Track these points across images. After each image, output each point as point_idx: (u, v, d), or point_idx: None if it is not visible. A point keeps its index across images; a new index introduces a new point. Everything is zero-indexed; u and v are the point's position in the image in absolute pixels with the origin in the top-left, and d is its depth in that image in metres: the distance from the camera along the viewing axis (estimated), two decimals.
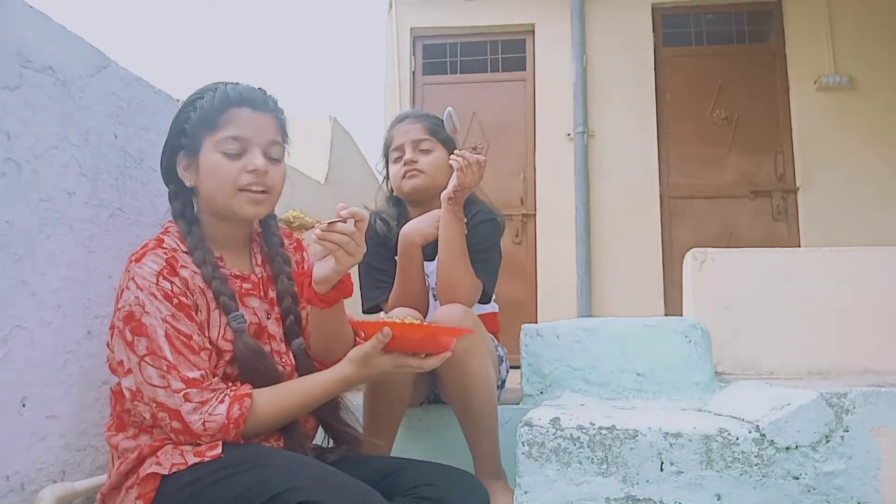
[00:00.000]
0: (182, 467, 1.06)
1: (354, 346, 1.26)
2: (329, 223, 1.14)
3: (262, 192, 1.21)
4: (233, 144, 1.19)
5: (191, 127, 1.21)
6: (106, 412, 1.28)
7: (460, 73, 5.26)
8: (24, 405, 1.13)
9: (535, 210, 4.92)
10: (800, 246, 4.51)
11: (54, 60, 1.22)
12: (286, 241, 1.36)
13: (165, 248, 1.16)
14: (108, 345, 1.19)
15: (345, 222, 1.14)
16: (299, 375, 1.24)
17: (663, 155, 4.89)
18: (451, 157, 1.63)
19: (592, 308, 4.65)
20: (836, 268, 2.03)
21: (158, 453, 1.10)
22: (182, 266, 1.16)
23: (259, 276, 1.29)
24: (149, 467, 1.08)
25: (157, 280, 1.12)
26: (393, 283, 1.72)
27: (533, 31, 5.15)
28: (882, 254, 2.03)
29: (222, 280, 1.17)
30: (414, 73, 5.20)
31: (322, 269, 1.17)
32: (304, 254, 1.40)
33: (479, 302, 1.72)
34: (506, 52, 5.24)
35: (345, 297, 1.23)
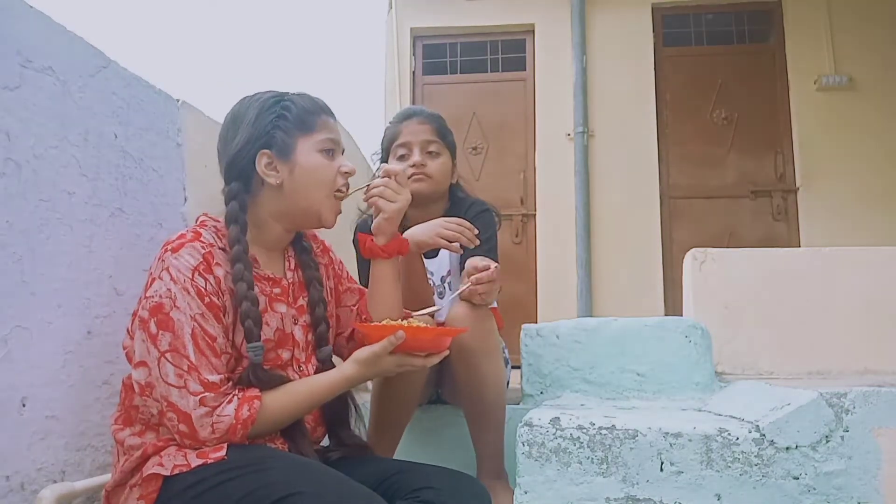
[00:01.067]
0: (185, 469, 1.05)
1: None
2: (367, 185, 1.33)
3: (343, 197, 1.29)
4: (329, 145, 1.26)
5: (285, 126, 1.22)
6: (106, 412, 1.28)
7: (460, 73, 5.26)
8: (24, 405, 1.13)
9: (535, 210, 4.92)
10: (800, 246, 4.51)
11: (54, 60, 1.21)
12: (314, 246, 1.38)
13: (203, 243, 1.15)
14: (127, 330, 1.18)
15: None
16: None
17: (663, 155, 4.88)
18: (470, 288, 1.44)
19: (592, 308, 4.65)
20: (836, 268, 2.02)
21: (162, 453, 1.09)
22: (217, 264, 1.14)
23: (290, 280, 1.28)
24: (151, 467, 1.07)
25: (193, 276, 1.10)
26: None
27: (533, 31, 5.15)
28: (882, 254, 2.03)
29: (252, 302, 1.15)
30: (414, 73, 5.20)
31: (376, 221, 1.33)
32: (331, 254, 1.42)
33: None
34: (506, 52, 5.24)
35: (401, 252, 1.38)
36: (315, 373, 1.26)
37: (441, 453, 1.78)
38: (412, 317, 1.36)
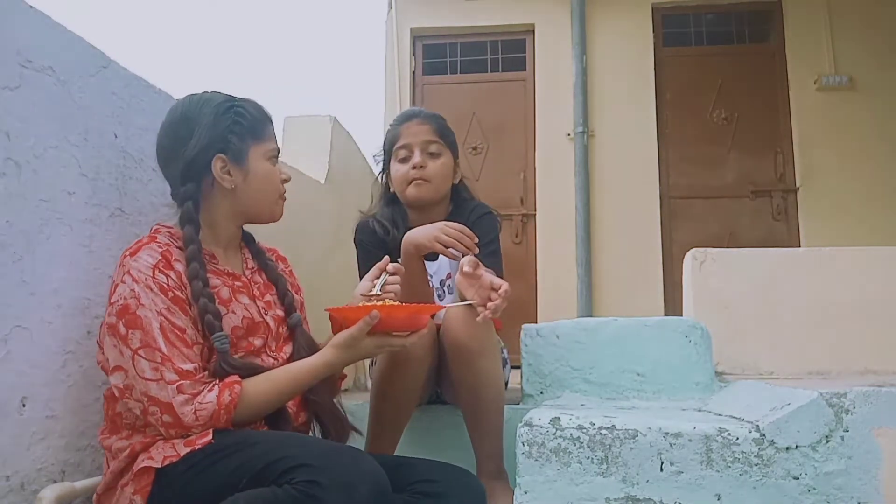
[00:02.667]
0: (175, 459, 1.08)
1: None
2: (384, 283, 1.35)
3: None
4: (275, 153, 1.34)
5: (240, 132, 1.27)
6: None
7: (460, 73, 5.25)
8: (24, 405, 1.13)
9: (535, 210, 4.92)
10: (800, 246, 4.50)
11: (54, 60, 1.21)
12: (281, 265, 1.46)
13: (160, 243, 1.19)
14: (98, 343, 1.20)
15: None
16: (297, 348, 1.31)
17: (663, 155, 4.88)
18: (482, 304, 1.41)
19: (592, 308, 4.65)
20: (836, 268, 2.02)
21: (150, 449, 1.11)
22: (176, 260, 1.18)
23: (249, 277, 1.33)
24: (142, 462, 1.09)
25: (153, 273, 1.13)
26: None
27: (533, 31, 5.15)
28: (882, 254, 2.03)
29: (209, 298, 1.18)
30: (414, 73, 5.20)
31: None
32: (295, 275, 1.50)
33: None
34: (506, 52, 5.24)
35: None
36: (288, 359, 1.29)
37: (441, 453, 1.77)
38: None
